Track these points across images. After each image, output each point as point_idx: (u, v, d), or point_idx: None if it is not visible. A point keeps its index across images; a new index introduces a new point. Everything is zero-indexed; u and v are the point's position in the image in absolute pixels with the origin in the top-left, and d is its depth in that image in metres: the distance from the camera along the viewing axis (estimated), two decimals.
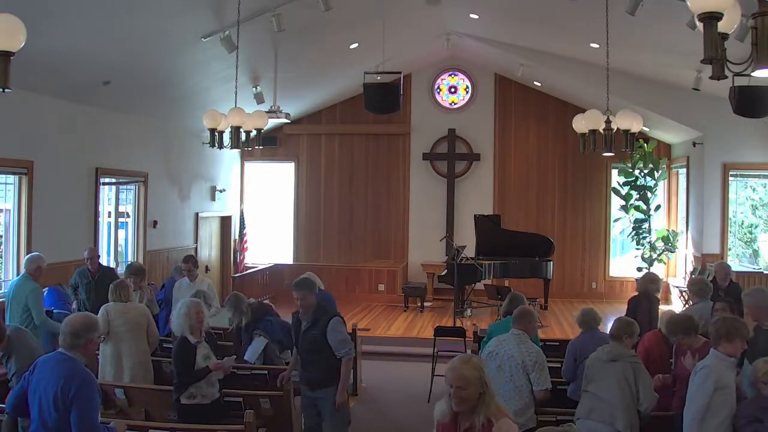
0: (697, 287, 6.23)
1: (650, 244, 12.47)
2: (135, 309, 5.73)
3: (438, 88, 14.25)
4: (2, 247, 8.01)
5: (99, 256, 7.63)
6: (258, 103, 10.25)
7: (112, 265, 10.00)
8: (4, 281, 7.88)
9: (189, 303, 4.91)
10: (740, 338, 3.85)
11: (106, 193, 9.97)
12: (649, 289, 6.43)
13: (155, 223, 10.83)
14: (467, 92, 14.18)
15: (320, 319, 4.86)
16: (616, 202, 13.31)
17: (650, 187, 12.55)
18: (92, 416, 3.34)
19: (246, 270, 13.37)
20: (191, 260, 7.38)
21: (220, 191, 13.34)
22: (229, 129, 7.41)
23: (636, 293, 6.71)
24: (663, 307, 7.87)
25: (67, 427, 3.30)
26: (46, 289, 6.93)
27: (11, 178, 7.92)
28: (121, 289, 5.73)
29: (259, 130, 7.79)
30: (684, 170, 12.32)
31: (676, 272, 12.78)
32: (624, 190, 12.79)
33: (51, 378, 3.38)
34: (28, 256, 6.78)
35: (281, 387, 5.21)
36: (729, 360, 3.84)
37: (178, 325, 4.84)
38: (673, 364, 4.84)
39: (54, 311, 7.25)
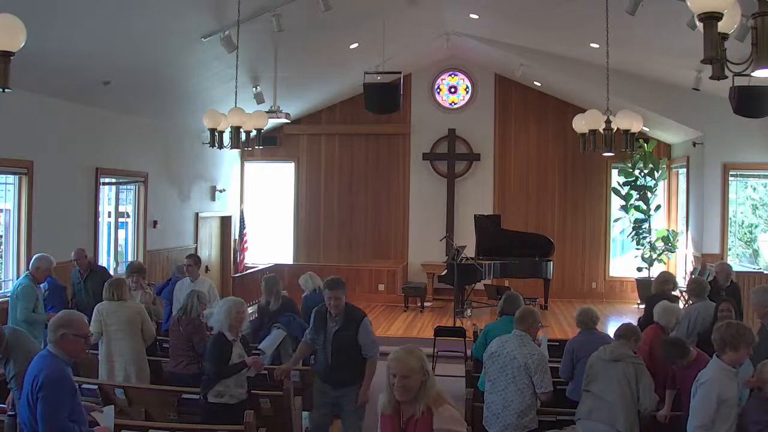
0: (694, 287, 6.24)
1: (650, 244, 12.47)
2: (128, 308, 5.69)
3: (438, 88, 14.24)
4: (2, 247, 8.01)
5: (86, 256, 7.63)
6: (258, 103, 10.25)
7: (112, 265, 10.02)
8: (3, 281, 7.89)
9: (232, 302, 4.96)
10: (745, 345, 3.75)
11: (106, 193, 9.97)
12: (664, 289, 6.44)
13: (155, 223, 10.83)
14: (467, 92, 14.18)
15: (351, 320, 4.96)
16: (616, 202, 13.31)
17: (650, 187, 12.55)
18: (56, 412, 3.23)
19: (246, 270, 13.37)
20: (192, 257, 7.37)
21: (220, 191, 13.33)
22: (229, 129, 7.41)
23: (652, 294, 6.69)
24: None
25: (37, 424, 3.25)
26: (45, 282, 6.95)
27: (11, 178, 7.92)
28: (115, 288, 5.70)
29: (259, 130, 7.79)
30: (684, 170, 12.32)
31: (676, 272, 12.74)
32: (624, 190, 12.80)
33: (29, 374, 3.39)
34: (35, 255, 6.79)
35: (281, 386, 5.21)
36: (732, 371, 3.76)
37: (218, 321, 4.88)
38: (672, 379, 4.81)
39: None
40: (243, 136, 7.50)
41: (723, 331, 3.80)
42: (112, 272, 9.10)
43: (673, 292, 6.57)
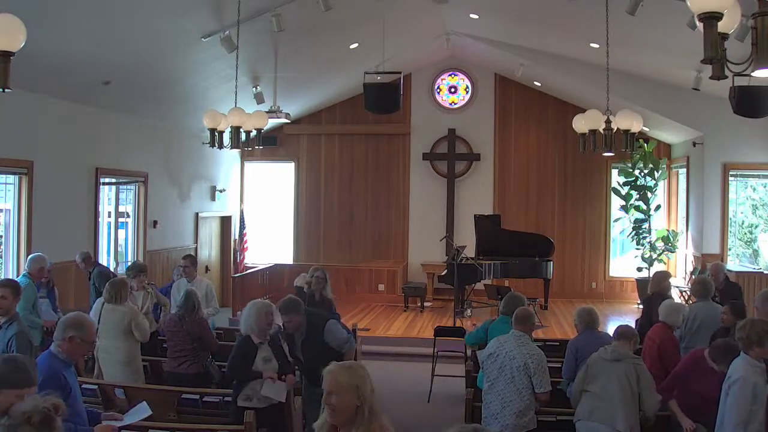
0: (698, 288, 6.24)
1: (650, 244, 12.47)
2: (119, 312, 5.64)
3: (438, 88, 14.24)
4: (2, 247, 8.01)
5: (89, 258, 7.66)
6: (258, 103, 10.25)
7: (112, 265, 10.01)
8: None
9: (259, 304, 4.88)
10: None
11: (106, 193, 9.96)
12: (662, 287, 6.45)
13: (155, 223, 10.83)
14: (467, 92, 14.18)
15: (315, 327, 5.05)
16: (616, 202, 13.31)
17: (650, 187, 12.55)
18: None
19: (246, 270, 13.36)
20: (189, 258, 7.40)
21: (220, 191, 13.33)
22: (229, 129, 7.41)
23: (649, 293, 6.71)
24: None
25: None
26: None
27: (11, 178, 7.91)
28: (116, 291, 5.67)
29: (259, 130, 7.79)
30: (684, 170, 12.32)
31: (676, 272, 12.76)
32: (624, 190, 12.79)
33: None
34: (31, 256, 6.80)
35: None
36: (760, 366, 3.84)
37: (246, 324, 4.82)
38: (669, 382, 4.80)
39: None
40: (243, 136, 7.50)
41: (748, 330, 3.90)
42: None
43: (669, 291, 6.57)
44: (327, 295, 6.75)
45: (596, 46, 8.64)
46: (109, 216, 10.22)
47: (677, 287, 12.12)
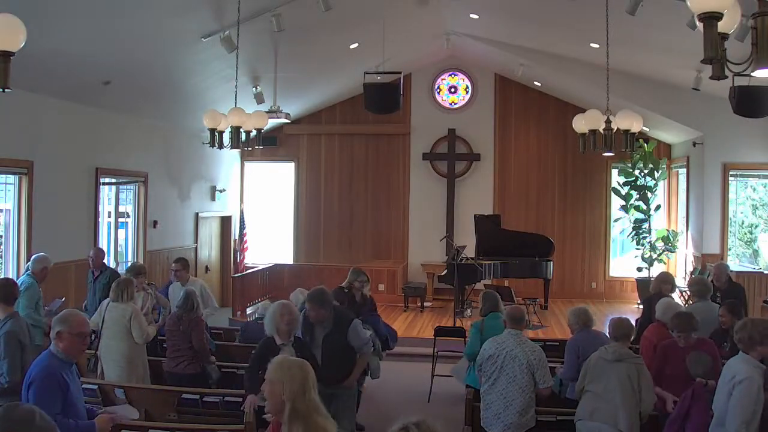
0: (696, 287, 6.26)
1: (650, 244, 12.47)
2: (121, 309, 5.67)
3: (438, 88, 14.24)
4: (2, 247, 8.01)
5: (101, 257, 7.65)
6: (258, 103, 10.25)
7: (112, 265, 10.00)
8: None
9: (276, 305, 4.81)
10: None
11: (106, 193, 9.96)
12: (663, 289, 6.46)
13: (155, 223, 10.83)
14: (467, 92, 14.18)
15: (340, 324, 5.07)
16: (616, 202, 13.31)
17: (650, 187, 12.56)
18: (45, 407, 3.16)
19: (246, 270, 13.36)
20: (181, 262, 7.22)
21: (220, 191, 13.33)
22: (229, 129, 7.41)
23: (651, 293, 6.71)
24: None
25: None
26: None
27: (11, 178, 7.91)
28: (122, 289, 5.71)
29: (259, 130, 7.79)
30: (684, 170, 12.32)
31: (676, 272, 12.75)
32: (624, 190, 12.80)
33: (27, 372, 3.49)
34: (35, 256, 6.79)
35: None
36: (762, 367, 3.84)
37: (266, 325, 4.81)
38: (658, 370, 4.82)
39: None
40: (243, 136, 7.50)
41: (750, 329, 3.88)
42: None
43: (672, 293, 6.58)
44: (368, 295, 6.93)
45: (596, 46, 8.64)
46: (109, 216, 10.22)
47: (678, 287, 12.13)
